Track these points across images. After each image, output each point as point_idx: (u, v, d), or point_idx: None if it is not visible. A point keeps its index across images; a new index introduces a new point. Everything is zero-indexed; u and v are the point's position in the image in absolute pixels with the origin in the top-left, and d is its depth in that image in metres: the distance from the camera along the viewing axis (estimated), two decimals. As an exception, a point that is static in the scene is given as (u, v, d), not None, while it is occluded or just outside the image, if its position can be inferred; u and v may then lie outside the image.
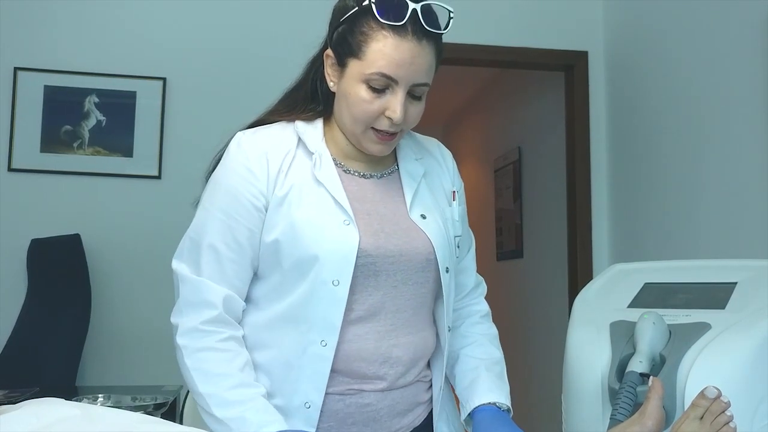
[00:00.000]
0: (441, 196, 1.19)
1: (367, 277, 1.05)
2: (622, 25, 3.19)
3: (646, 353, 1.14)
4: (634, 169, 3.04)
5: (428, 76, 1.05)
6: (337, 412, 1.06)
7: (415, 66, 1.02)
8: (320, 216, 1.04)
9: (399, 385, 1.11)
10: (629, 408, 1.09)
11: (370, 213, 1.08)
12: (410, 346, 1.10)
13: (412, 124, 1.09)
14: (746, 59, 2.33)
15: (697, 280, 1.33)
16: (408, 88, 1.04)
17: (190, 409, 1.59)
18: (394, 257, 1.07)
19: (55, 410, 0.76)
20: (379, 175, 1.14)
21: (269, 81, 3.07)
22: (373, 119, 1.05)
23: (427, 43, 1.03)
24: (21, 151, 2.83)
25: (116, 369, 2.79)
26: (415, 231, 1.10)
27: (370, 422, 1.08)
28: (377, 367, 1.07)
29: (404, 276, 1.08)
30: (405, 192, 1.13)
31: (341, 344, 1.04)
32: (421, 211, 1.12)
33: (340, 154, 1.13)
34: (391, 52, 1.00)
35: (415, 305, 1.11)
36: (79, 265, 2.75)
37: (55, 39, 2.91)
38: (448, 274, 1.13)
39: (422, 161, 1.19)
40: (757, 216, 2.26)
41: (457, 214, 1.19)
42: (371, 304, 1.06)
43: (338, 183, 1.07)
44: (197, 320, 1.04)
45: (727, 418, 1.01)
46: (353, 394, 1.06)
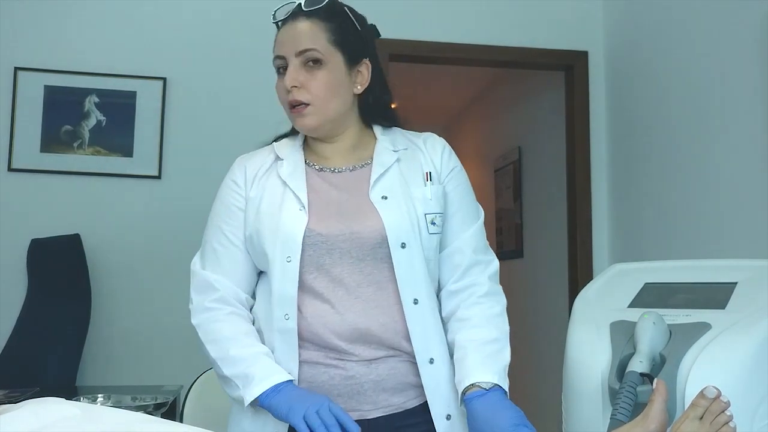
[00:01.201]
0: (414, 179, 1.23)
1: (321, 255, 1.16)
2: (622, 25, 3.19)
3: (646, 353, 1.14)
4: (634, 169, 3.04)
5: (311, 41, 1.19)
6: (322, 383, 1.15)
7: (294, 38, 1.20)
8: (278, 206, 1.19)
9: (376, 357, 1.16)
10: (629, 408, 1.09)
11: (330, 200, 1.20)
12: (378, 319, 1.16)
13: (317, 92, 1.20)
14: (746, 59, 2.33)
15: (698, 280, 1.33)
16: (294, 58, 1.20)
17: (190, 408, 1.59)
18: (345, 235, 1.17)
19: (56, 410, 0.76)
20: (351, 168, 1.25)
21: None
22: (284, 97, 1.23)
23: (306, 20, 1.20)
24: (21, 151, 2.83)
25: (116, 369, 2.79)
26: (370, 211, 1.18)
27: (355, 395, 1.15)
28: (347, 338, 1.15)
29: (360, 253, 1.17)
30: (371, 178, 1.22)
31: (307, 317, 1.16)
32: (383, 193, 1.20)
33: (314, 156, 1.28)
34: (278, 38, 1.24)
35: (379, 280, 1.17)
36: (79, 265, 2.75)
37: (55, 39, 2.91)
38: (404, 250, 1.16)
39: (399, 152, 1.27)
40: (757, 216, 2.26)
41: (431, 193, 1.21)
42: (330, 280, 1.16)
43: (299, 179, 1.22)
44: (204, 301, 1.21)
45: (727, 418, 1.01)
46: (336, 367, 1.15)
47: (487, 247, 1.28)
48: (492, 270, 1.25)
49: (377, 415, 1.16)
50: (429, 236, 1.20)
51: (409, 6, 3.09)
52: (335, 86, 1.21)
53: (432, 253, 1.21)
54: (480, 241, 1.26)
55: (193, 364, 1.99)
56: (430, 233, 1.20)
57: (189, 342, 3.13)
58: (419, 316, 1.17)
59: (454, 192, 1.26)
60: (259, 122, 3.02)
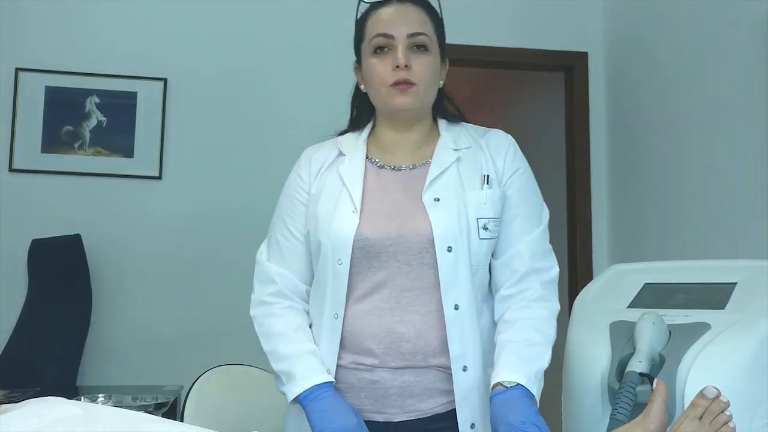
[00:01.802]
0: (471, 181, 1.21)
1: (369, 257, 1.17)
2: (621, 26, 3.19)
3: (645, 353, 1.14)
4: (634, 169, 3.04)
5: (421, 26, 1.20)
6: (352, 384, 1.18)
7: (403, 20, 1.19)
8: (333, 206, 1.21)
9: (410, 365, 1.15)
10: (629, 408, 1.10)
11: (383, 201, 1.20)
12: (414, 323, 1.15)
13: (423, 75, 1.20)
14: (746, 60, 2.33)
15: (697, 281, 1.33)
16: (406, 40, 1.19)
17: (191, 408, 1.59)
18: (392, 239, 1.17)
19: (56, 409, 0.76)
20: (411, 166, 1.24)
21: (269, 82, 3.09)
22: (385, 76, 1.20)
23: (413, 6, 1.21)
24: (22, 152, 2.83)
25: (117, 369, 2.79)
26: (420, 214, 1.17)
27: (380, 398, 1.17)
28: (381, 341, 1.15)
29: (406, 257, 1.16)
30: (427, 178, 1.21)
31: (349, 319, 1.17)
32: (436, 194, 1.19)
33: (379, 150, 1.27)
34: (381, 17, 1.21)
35: (423, 285, 1.16)
36: (80, 266, 2.75)
37: (56, 40, 2.91)
38: (450, 254, 1.15)
39: (461, 151, 1.25)
40: (756, 216, 2.26)
41: (486, 197, 1.19)
42: (374, 282, 1.17)
43: (357, 178, 1.22)
44: (263, 294, 1.25)
45: (727, 418, 1.01)
46: (364, 370, 1.17)
47: (547, 252, 1.23)
48: (548, 277, 1.21)
49: (403, 418, 1.17)
50: (479, 241, 1.18)
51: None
52: (435, 74, 1.23)
53: (481, 258, 1.19)
54: (540, 246, 1.22)
55: (193, 363, 1.99)
56: (481, 238, 1.18)
57: (190, 342, 3.15)
58: (458, 322, 1.15)
59: (516, 195, 1.22)
60: (260, 123, 3.04)
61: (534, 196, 1.25)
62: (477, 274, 1.18)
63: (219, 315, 2.91)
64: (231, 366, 1.84)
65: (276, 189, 3.63)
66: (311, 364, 1.16)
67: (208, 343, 2.84)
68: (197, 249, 2.93)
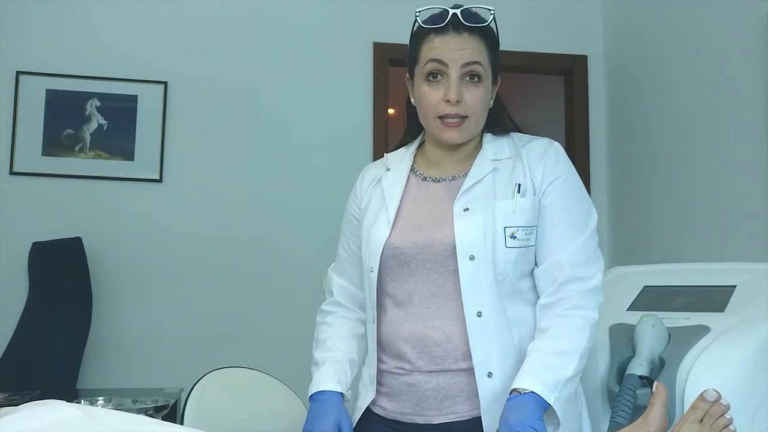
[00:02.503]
0: (504, 190, 1.22)
1: (400, 266, 1.22)
2: (621, 30, 3.20)
3: (645, 356, 1.14)
4: (634, 172, 3.04)
5: (476, 56, 1.20)
6: (395, 388, 1.23)
7: (460, 50, 1.19)
8: (374, 218, 1.28)
9: (442, 368, 1.18)
10: (629, 410, 1.10)
11: (418, 212, 1.25)
12: (443, 328, 1.18)
13: (475, 107, 1.21)
14: (745, 63, 2.34)
15: (697, 283, 1.33)
16: (460, 70, 1.19)
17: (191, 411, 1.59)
18: (419, 247, 1.21)
19: (56, 412, 0.77)
20: (451, 177, 1.27)
21: (270, 85, 3.10)
22: (435, 107, 1.21)
23: (470, 35, 1.20)
24: (23, 155, 2.84)
25: (117, 372, 2.79)
26: (447, 223, 1.20)
27: (419, 401, 1.20)
28: (413, 346, 1.20)
29: (433, 264, 1.20)
30: (461, 189, 1.23)
31: (386, 324, 1.24)
32: (466, 204, 1.21)
33: (425, 163, 1.31)
34: (436, 45, 1.21)
35: (450, 292, 1.19)
36: (81, 268, 2.75)
37: (56, 43, 2.91)
38: (472, 262, 1.16)
39: (501, 161, 1.26)
40: (756, 219, 2.26)
41: (517, 206, 1.19)
42: (406, 290, 1.22)
43: (397, 190, 1.28)
44: (324, 303, 1.38)
45: (727, 421, 1.01)
46: (402, 374, 1.22)
47: (591, 260, 1.20)
48: (589, 286, 1.18)
49: (442, 420, 1.19)
50: (506, 250, 1.18)
51: (409, 10, 3.09)
52: (487, 103, 1.24)
53: (509, 266, 1.19)
54: (582, 255, 1.19)
55: (194, 366, 1.99)
56: (508, 247, 1.18)
57: (190, 344, 3.15)
58: (481, 329, 1.16)
59: (555, 204, 1.21)
60: (260, 126, 3.05)
61: (576, 205, 1.23)
62: (505, 282, 1.18)
63: (219, 318, 2.91)
64: (231, 369, 1.84)
65: (276, 191, 3.64)
66: (325, 371, 1.26)
67: (208, 346, 2.84)
68: (197, 252, 2.93)
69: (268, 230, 2.98)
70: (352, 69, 3.09)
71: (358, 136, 3.07)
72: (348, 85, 3.09)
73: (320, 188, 3.02)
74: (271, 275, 2.95)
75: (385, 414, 1.24)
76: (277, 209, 3.00)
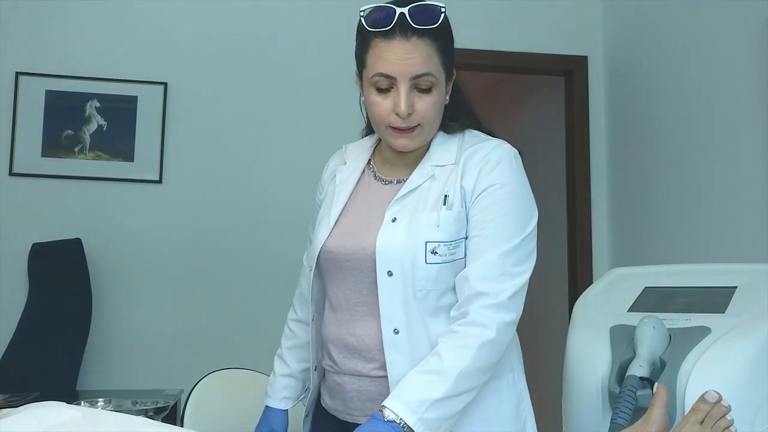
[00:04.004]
0: (433, 201, 1.16)
1: (334, 269, 1.22)
2: (621, 30, 3.20)
3: (646, 357, 1.14)
4: (634, 173, 3.04)
5: (427, 66, 1.13)
6: (329, 384, 1.27)
7: (409, 61, 1.11)
8: (321, 217, 1.27)
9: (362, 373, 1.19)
10: (629, 412, 1.10)
11: (357, 215, 1.23)
12: (363, 338, 1.19)
13: (426, 115, 1.16)
14: (746, 63, 2.34)
15: (697, 284, 1.33)
16: (409, 82, 1.13)
17: (191, 412, 1.59)
18: (348, 255, 1.19)
19: (56, 413, 0.76)
20: (396, 180, 1.24)
21: (269, 86, 3.10)
22: (385, 118, 1.16)
23: (419, 39, 1.12)
24: (22, 156, 2.84)
25: (117, 373, 2.79)
26: (372, 233, 1.17)
27: (346, 399, 1.23)
28: (339, 351, 1.22)
29: (359, 273, 1.19)
30: (396, 196, 1.19)
31: (323, 326, 1.26)
32: (395, 214, 1.18)
33: (380, 160, 1.29)
34: (383, 53, 1.13)
35: (372, 301, 1.17)
36: (80, 270, 2.75)
37: (56, 44, 2.91)
38: (390, 278, 1.13)
39: (441, 168, 1.19)
40: (757, 219, 2.26)
41: (441, 219, 1.13)
42: (338, 294, 1.23)
43: (347, 189, 1.26)
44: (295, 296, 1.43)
45: (728, 423, 1.01)
46: (333, 373, 1.24)
47: (504, 276, 1.11)
48: (494, 301, 1.10)
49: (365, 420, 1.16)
50: (426, 266, 1.12)
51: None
52: (440, 107, 1.18)
53: (429, 283, 1.13)
54: (493, 269, 1.11)
55: (193, 367, 1.99)
56: (428, 263, 1.12)
57: (190, 346, 3.15)
58: (397, 347, 1.13)
59: (482, 213, 1.14)
60: (260, 127, 3.05)
61: (503, 215, 1.14)
62: (426, 299, 1.13)
63: (219, 319, 2.91)
64: (231, 370, 1.84)
65: (276, 192, 3.65)
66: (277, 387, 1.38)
67: (208, 348, 2.84)
68: (197, 253, 2.93)
69: (268, 231, 2.98)
70: (352, 69, 3.07)
71: (357, 137, 3.07)
72: (348, 86, 3.07)
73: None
74: (271, 276, 2.95)
75: (327, 408, 1.28)
76: (277, 210, 2.99)
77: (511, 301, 1.12)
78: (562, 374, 1.30)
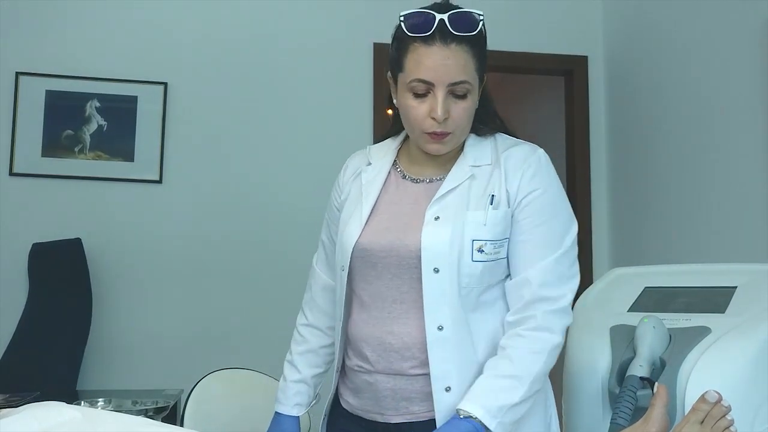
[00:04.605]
0: (478, 200, 1.19)
1: (367, 267, 1.21)
2: (621, 30, 3.20)
3: (646, 357, 1.14)
4: (634, 173, 3.04)
5: (464, 74, 1.15)
6: (356, 384, 1.25)
7: (447, 67, 1.14)
8: (349, 215, 1.26)
9: (399, 371, 1.17)
10: (630, 412, 1.10)
11: (390, 212, 1.23)
12: (402, 336, 1.17)
13: (460, 122, 1.18)
14: (746, 64, 2.34)
15: (697, 284, 1.33)
16: (446, 88, 1.15)
17: (191, 412, 1.59)
18: (386, 251, 1.19)
19: (56, 413, 0.76)
20: (429, 179, 1.25)
21: (270, 86, 3.10)
22: (421, 122, 1.17)
23: (457, 46, 1.14)
24: (22, 156, 2.84)
25: (117, 373, 2.79)
26: (416, 230, 1.17)
27: (378, 400, 1.21)
28: (373, 349, 1.20)
29: (398, 270, 1.18)
30: (436, 194, 1.20)
31: (352, 324, 1.24)
32: (438, 213, 1.18)
33: (407, 161, 1.29)
34: (422, 59, 1.14)
35: (414, 298, 1.17)
36: (80, 269, 2.75)
37: (56, 44, 2.91)
38: (436, 275, 1.14)
39: (479, 168, 1.22)
40: (757, 220, 2.26)
41: (488, 218, 1.16)
42: (371, 292, 1.21)
43: (374, 188, 1.26)
44: (303, 301, 1.41)
45: (728, 422, 1.01)
46: (363, 372, 1.22)
47: (562, 280, 1.15)
48: (556, 307, 1.14)
49: (399, 420, 1.18)
50: (471, 263, 1.15)
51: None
52: (473, 112, 1.20)
53: (474, 280, 1.15)
54: (552, 274, 1.15)
55: (194, 367, 1.99)
56: (474, 260, 1.15)
57: (190, 346, 3.15)
58: (441, 343, 1.14)
59: (529, 219, 1.17)
60: (260, 126, 3.05)
61: (553, 219, 1.18)
62: (470, 295, 1.16)
63: (219, 319, 2.91)
64: (231, 370, 1.84)
65: (276, 192, 3.64)
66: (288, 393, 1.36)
67: (208, 347, 2.84)
68: (197, 253, 2.93)
69: (268, 231, 2.98)
70: (353, 69, 3.09)
71: (358, 137, 3.07)
72: (348, 86, 3.09)
73: (320, 189, 3.01)
74: (270, 276, 2.95)
75: (350, 409, 1.26)
76: (277, 210, 2.99)
77: (570, 305, 1.17)
78: (563, 374, 1.30)
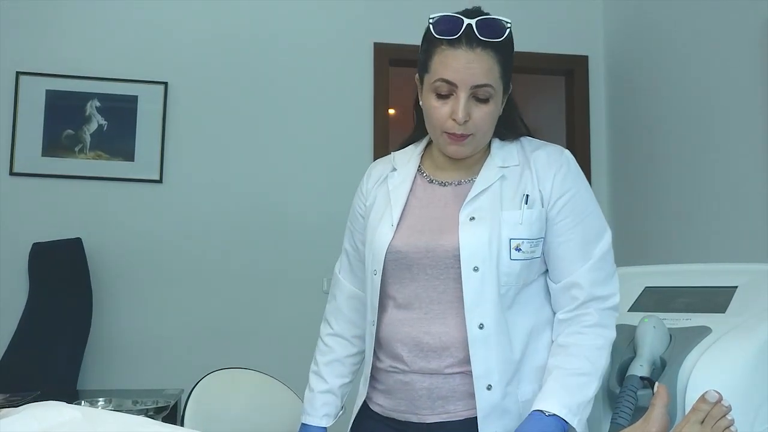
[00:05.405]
0: (511, 200, 1.21)
1: (402, 269, 1.22)
2: (622, 30, 3.20)
3: (646, 357, 1.14)
4: (635, 173, 3.04)
5: (487, 77, 1.16)
6: (389, 385, 1.25)
7: (471, 70, 1.15)
8: (378, 220, 1.28)
9: (435, 371, 1.18)
10: (630, 412, 1.10)
11: (423, 215, 1.24)
12: (440, 336, 1.18)
13: (481, 125, 1.19)
14: (746, 63, 2.33)
15: (698, 284, 1.33)
16: (469, 90, 1.16)
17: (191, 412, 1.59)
18: (421, 253, 1.20)
19: (57, 413, 0.76)
20: (457, 182, 1.26)
21: (270, 86, 3.10)
22: (443, 123, 1.19)
23: (483, 51, 1.16)
24: (23, 155, 2.84)
25: (117, 373, 2.79)
26: (452, 231, 1.19)
27: (413, 399, 1.21)
28: (410, 350, 1.20)
29: (435, 271, 1.19)
30: (468, 196, 1.22)
31: (385, 326, 1.24)
32: (473, 213, 1.19)
33: (432, 166, 1.31)
34: (448, 60, 1.16)
35: (451, 300, 1.18)
36: (81, 269, 2.75)
37: (57, 43, 2.91)
38: (476, 273, 1.16)
39: (508, 169, 1.24)
40: (757, 219, 2.26)
41: (523, 217, 1.18)
42: (407, 293, 1.22)
43: (402, 192, 1.27)
44: (327, 310, 1.41)
45: (728, 422, 1.01)
46: (397, 373, 1.23)
47: (608, 278, 1.20)
48: (609, 304, 1.18)
49: (435, 420, 1.19)
50: (510, 262, 1.17)
51: (410, 11, 3.10)
52: (495, 118, 1.21)
53: (512, 278, 1.18)
54: (600, 273, 1.19)
55: (194, 367, 1.99)
56: (512, 259, 1.17)
57: (190, 345, 3.15)
58: (483, 342, 1.15)
59: (567, 219, 1.20)
60: (260, 126, 3.05)
61: (589, 218, 1.21)
62: (508, 294, 1.18)
63: (219, 318, 2.91)
64: (232, 369, 1.84)
65: (276, 191, 3.64)
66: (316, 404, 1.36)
67: (208, 347, 2.84)
68: (197, 253, 2.93)
69: (269, 231, 2.98)
70: (353, 69, 3.09)
71: (358, 137, 3.07)
72: (348, 86, 3.09)
73: (320, 188, 3.02)
74: (271, 276, 2.95)
75: (381, 411, 1.26)
76: (277, 210, 2.99)
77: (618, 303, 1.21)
78: (563, 374, 1.30)
